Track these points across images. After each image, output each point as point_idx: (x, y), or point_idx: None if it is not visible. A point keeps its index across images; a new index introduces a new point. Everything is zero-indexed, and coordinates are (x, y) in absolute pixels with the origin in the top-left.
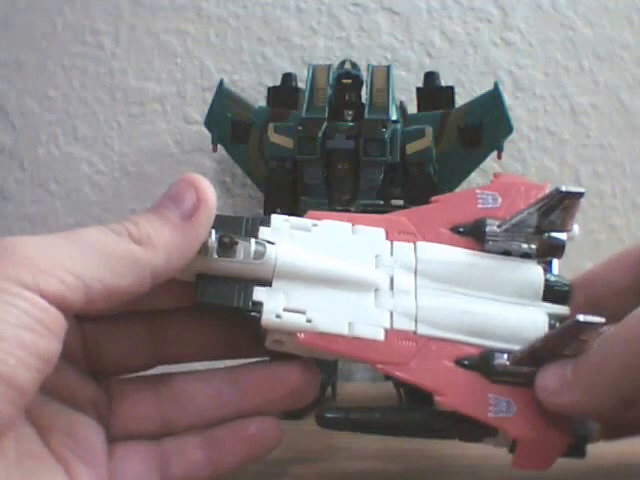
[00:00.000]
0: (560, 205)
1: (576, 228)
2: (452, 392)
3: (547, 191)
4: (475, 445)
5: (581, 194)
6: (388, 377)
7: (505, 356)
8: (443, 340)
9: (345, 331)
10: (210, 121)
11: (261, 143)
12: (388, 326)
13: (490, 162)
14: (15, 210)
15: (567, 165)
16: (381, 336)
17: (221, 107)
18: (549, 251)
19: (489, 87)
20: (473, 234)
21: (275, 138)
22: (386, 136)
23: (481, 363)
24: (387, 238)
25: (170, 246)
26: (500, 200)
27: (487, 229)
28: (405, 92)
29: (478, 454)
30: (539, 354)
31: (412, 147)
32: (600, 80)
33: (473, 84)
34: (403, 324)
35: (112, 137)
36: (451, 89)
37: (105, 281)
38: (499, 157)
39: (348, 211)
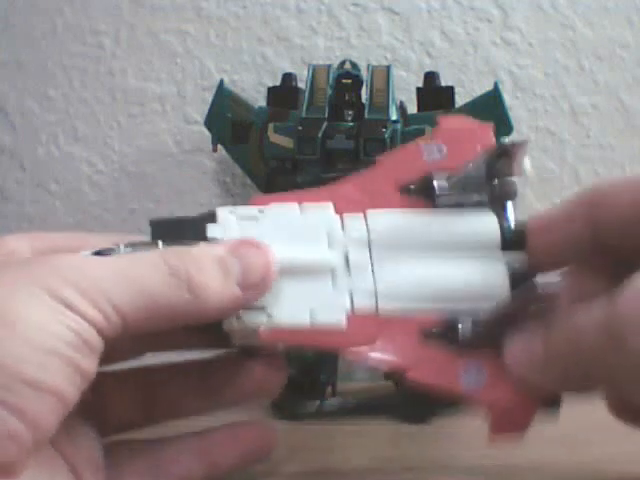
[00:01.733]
0: (506, 155)
1: (527, 164)
2: (421, 367)
3: (492, 131)
4: (475, 445)
5: (525, 143)
6: (388, 377)
7: (469, 322)
8: (406, 312)
9: (307, 321)
10: (210, 121)
11: (261, 143)
12: (349, 308)
13: None
14: (15, 210)
15: (567, 165)
16: (343, 320)
17: (221, 107)
18: (502, 196)
19: (489, 87)
20: (422, 192)
21: (275, 138)
22: (386, 136)
23: (446, 332)
24: (336, 211)
25: (210, 307)
26: (445, 150)
27: (436, 184)
28: (405, 92)
29: (478, 454)
30: (504, 317)
31: None
32: (600, 80)
33: (473, 84)
34: (364, 303)
35: (112, 137)
36: (451, 89)
37: (144, 326)
38: None
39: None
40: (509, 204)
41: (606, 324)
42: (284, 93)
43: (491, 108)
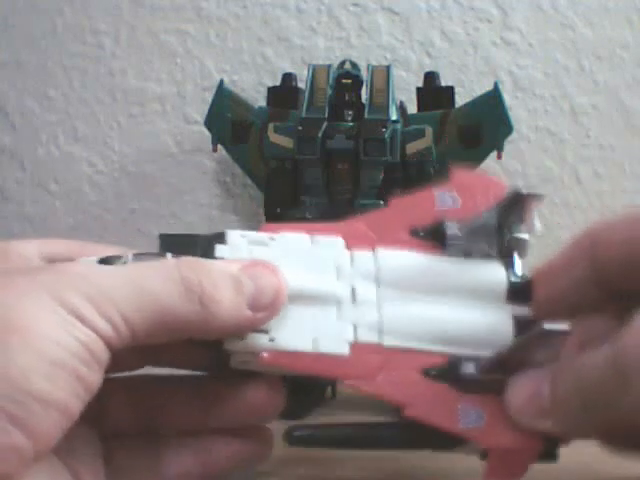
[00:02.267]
0: (519, 207)
1: (538, 224)
2: (421, 405)
3: (505, 189)
4: None
5: (540, 197)
6: None
7: (472, 365)
8: (409, 351)
9: (309, 348)
10: (210, 121)
11: (261, 143)
12: (352, 339)
13: (490, 162)
14: (15, 210)
15: (567, 165)
16: (346, 350)
17: (221, 107)
18: (511, 251)
19: (489, 87)
20: (433, 237)
21: (275, 138)
22: (386, 136)
23: (448, 373)
24: (346, 247)
25: (220, 323)
26: (459, 200)
27: (448, 232)
28: (405, 92)
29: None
30: (508, 362)
31: (412, 147)
32: (600, 80)
33: (473, 84)
34: (368, 336)
35: (112, 137)
36: (451, 89)
37: (150, 337)
38: (499, 157)
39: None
40: (517, 257)
41: (612, 360)
42: (284, 93)
43: (491, 108)
